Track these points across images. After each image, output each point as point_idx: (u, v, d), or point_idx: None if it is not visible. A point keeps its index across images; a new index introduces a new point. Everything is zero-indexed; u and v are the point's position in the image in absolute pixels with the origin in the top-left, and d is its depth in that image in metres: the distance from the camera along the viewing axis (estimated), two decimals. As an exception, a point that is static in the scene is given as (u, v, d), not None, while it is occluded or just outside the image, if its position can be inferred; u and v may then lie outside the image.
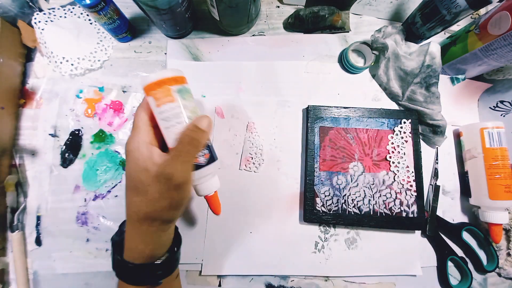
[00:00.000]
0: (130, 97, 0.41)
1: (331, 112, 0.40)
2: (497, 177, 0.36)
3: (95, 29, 0.42)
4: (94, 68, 0.42)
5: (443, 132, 0.39)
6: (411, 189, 0.38)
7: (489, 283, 0.39)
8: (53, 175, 0.39)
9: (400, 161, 0.38)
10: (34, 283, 0.37)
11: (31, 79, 0.42)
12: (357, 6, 0.44)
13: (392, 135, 0.39)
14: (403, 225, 0.37)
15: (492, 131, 0.37)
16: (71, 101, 0.41)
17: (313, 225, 0.39)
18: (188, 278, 0.37)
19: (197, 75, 0.42)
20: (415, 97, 0.39)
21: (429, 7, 0.36)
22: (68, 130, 0.40)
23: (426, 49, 0.38)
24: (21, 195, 0.39)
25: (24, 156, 0.40)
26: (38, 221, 0.38)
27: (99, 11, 0.35)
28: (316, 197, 0.38)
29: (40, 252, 0.38)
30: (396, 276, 0.38)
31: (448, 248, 0.38)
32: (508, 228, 0.39)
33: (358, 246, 0.38)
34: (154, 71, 0.38)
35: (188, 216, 0.38)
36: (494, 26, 0.33)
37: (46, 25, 0.41)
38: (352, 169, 0.38)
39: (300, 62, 0.43)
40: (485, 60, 0.36)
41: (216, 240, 0.38)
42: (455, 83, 0.42)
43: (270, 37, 0.44)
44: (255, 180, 0.39)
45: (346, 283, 0.38)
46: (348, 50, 0.41)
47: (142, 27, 0.44)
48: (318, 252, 0.38)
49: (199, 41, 0.43)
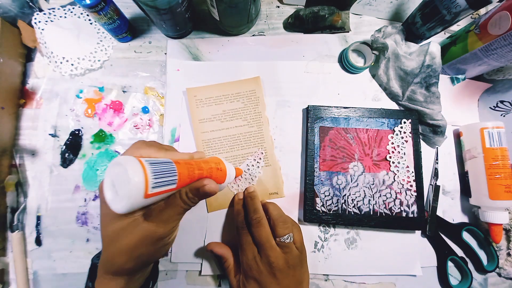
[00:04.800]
0: (130, 97, 0.41)
1: (331, 112, 0.40)
2: (497, 177, 0.36)
3: (95, 29, 0.42)
4: (94, 68, 0.42)
5: (443, 132, 0.39)
6: (411, 189, 0.38)
7: (489, 283, 0.39)
8: (53, 175, 0.39)
9: (400, 161, 0.38)
10: (34, 283, 0.37)
11: (31, 79, 0.42)
12: (357, 6, 0.44)
13: (392, 135, 0.39)
14: (403, 225, 0.37)
15: (492, 131, 0.37)
16: (71, 101, 0.41)
17: (313, 225, 0.39)
18: (188, 278, 0.37)
19: (197, 75, 0.42)
20: (415, 97, 0.39)
21: (429, 7, 0.36)
22: (68, 130, 0.40)
23: (426, 49, 0.38)
24: (21, 195, 0.39)
25: (24, 156, 0.40)
26: (38, 221, 0.38)
27: (99, 11, 0.35)
28: (316, 197, 0.38)
29: (40, 252, 0.38)
30: (396, 276, 0.38)
31: (448, 248, 0.38)
32: (508, 228, 0.39)
33: (358, 246, 0.38)
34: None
35: (188, 216, 0.38)
36: (494, 26, 0.33)
37: (46, 25, 0.41)
38: (352, 169, 0.38)
39: (300, 62, 0.43)
40: (485, 60, 0.36)
41: (216, 240, 0.38)
42: (455, 83, 0.42)
43: (270, 37, 0.44)
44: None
45: (346, 283, 0.38)
46: (348, 50, 0.41)
47: (142, 27, 0.44)
48: (318, 251, 0.38)
49: (199, 41, 0.43)
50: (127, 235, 0.22)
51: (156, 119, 0.41)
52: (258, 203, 0.34)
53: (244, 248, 0.32)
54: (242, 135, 0.40)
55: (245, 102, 0.40)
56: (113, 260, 0.23)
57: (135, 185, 0.18)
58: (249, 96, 0.40)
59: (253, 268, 0.30)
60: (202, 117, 0.40)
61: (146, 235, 0.22)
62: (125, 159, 0.19)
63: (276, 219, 0.32)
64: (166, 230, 0.23)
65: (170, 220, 0.23)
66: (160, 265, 0.37)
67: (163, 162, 0.21)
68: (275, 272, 0.30)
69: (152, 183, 0.19)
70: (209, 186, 0.23)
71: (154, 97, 0.42)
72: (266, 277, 0.30)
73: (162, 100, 0.42)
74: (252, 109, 0.40)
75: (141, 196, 0.19)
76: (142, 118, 0.41)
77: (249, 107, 0.40)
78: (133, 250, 0.22)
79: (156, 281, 0.29)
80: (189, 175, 0.23)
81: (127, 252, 0.22)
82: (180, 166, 0.22)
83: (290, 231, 0.31)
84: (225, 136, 0.39)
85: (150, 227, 0.22)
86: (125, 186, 0.18)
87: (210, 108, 0.40)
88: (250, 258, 0.31)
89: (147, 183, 0.19)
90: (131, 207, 0.19)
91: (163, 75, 0.42)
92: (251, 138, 0.40)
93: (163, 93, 0.42)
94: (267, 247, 0.30)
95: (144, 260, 0.24)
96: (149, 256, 0.24)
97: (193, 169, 0.24)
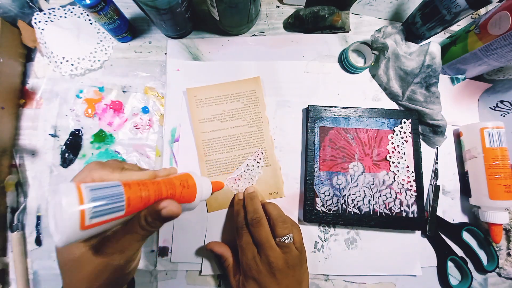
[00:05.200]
0: (130, 97, 0.41)
1: (331, 112, 0.40)
2: (497, 177, 0.36)
3: (95, 29, 0.42)
4: (94, 68, 0.42)
5: (443, 132, 0.39)
6: (411, 189, 0.38)
7: (489, 283, 0.39)
8: (53, 175, 0.39)
9: (400, 161, 0.38)
10: (34, 283, 0.37)
11: (31, 79, 0.42)
12: (357, 6, 0.44)
13: (392, 135, 0.39)
14: (403, 225, 0.37)
15: (492, 131, 0.37)
16: (71, 101, 0.41)
17: (313, 225, 0.39)
18: (188, 278, 0.37)
19: (197, 75, 0.42)
20: (415, 97, 0.39)
21: (429, 7, 0.36)
22: (68, 130, 0.40)
23: (426, 49, 0.38)
24: (21, 195, 0.39)
25: (24, 156, 0.40)
26: (38, 221, 0.38)
27: (99, 11, 0.35)
28: (316, 197, 0.38)
29: (40, 252, 0.38)
30: (396, 276, 0.38)
31: (448, 248, 0.38)
32: (508, 228, 0.39)
33: (358, 246, 0.38)
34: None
35: (188, 216, 0.38)
36: (494, 26, 0.33)
37: (46, 25, 0.41)
38: (352, 169, 0.38)
39: (300, 62, 0.43)
40: (485, 60, 0.36)
41: (216, 239, 0.38)
42: (455, 83, 0.42)
43: (270, 37, 0.44)
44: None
45: (346, 283, 0.38)
46: (348, 50, 0.41)
47: (142, 27, 0.44)
48: (318, 251, 0.38)
49: (199, 41, 0.43)
50: (85, 265, 0.20)
51: (156, 119, 0.41)
52: (258, 203, 0.34)
53: (243, 248, 0.32)
54: (242, 135, 0.40)
55: (245, 102, 0.40)
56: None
57: (68, 217, 0.17)
58: (249, 96, 0.40)
59: (253, 268, 0.30)
60: (202, 117, 0.40)
61: (99, 269, 0.20)
62: (63, 188, 0.18)
63: (275, 219, 0.32)
64: (123, 260, 0.21)
65: (128, 249, 0.21)
66: (160, 265, 0.37)
67: (109, 187, 0.19)
68: (274, 272, 0.30)
69: (90, 213, 0.18)
70: (167, 209, 0.21)
71: (154, 97, 0.42)
72: (265, 277, 0.30)
73: (162, 100, 0.42)
74: (252, 109, 0.40)
75: (77, 228, 0.17)
76: (142, 118, 0.41)
77: (249, 107, 0.40)
78: (93, 281, 0.21)
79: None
80: (142, 199, 0.21)
81: (87, 283, 0.21)
82: (131, 190, 0.20)
83: (290, 232, 0.31)
84: (225, 136, 0.39)
85: (102, 260, 0.20)
86: (60, 218, 0.17)
87: (210, 108, 0.40)
88: (250, 258, 0.31)
89: (84, 213, 0.17)
90: (67, 240, 0.17)
91: (163, 75, 0.42)
92: (251, 138, 0.40)
93: (163, 93, 0.42)
94: (267, 247, 0.30)
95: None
96: (112, 285, 0.23)
97: (148, 192, 0.21)
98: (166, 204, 0.21)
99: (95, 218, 0.18)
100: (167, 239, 0.38)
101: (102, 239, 0.21)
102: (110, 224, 0.19)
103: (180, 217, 0.38)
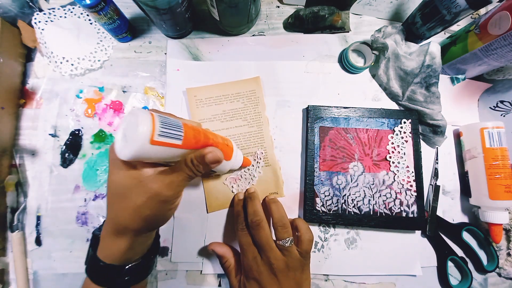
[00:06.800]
0: (130, 97, 0.41)
1: (331, 112, 0.40)
2: (497, 177, 0.36)
3: (95, 29, 0.42)
4: (94, 68, 0.42)
5: (443, 132, 0.39)
6: (411, 189, 0.38)
7: (490, 283, 0.39)
8: (53, 175, 0.39)
9: (400, 161, 0.38)
10: (34, 283, 0.37)
11: (31, 79, 0.42)
12: (357, 6, 0.44)
13: (392, 135, 0.39)
14: (403, 225, 0.37)
15: (492, 131, 0.37)
16: (71, 101, 0.41)
17: (313, 225, 0.39)
18: (188, 278, 0.37)
19: (197, 75, 0.42)
20: (415, 97, 0.39)
21: (429, 7, 0.36)
22: (68, 130, 0.40)
23: (426, 49, 0.38)
24: (21, 195, 0.39)
25: (24, 156, 0.40)
26: (38, 221, 0.38)
27: (99, 11, 0.35)
28: (316, 197, 0.38)
29: (40, 252, 0.38)
30: (396, 276, 0.38)
31: (448, 248, 0.38)
32: (508, 228, 0.39)
33: (358, 246, 0.38)
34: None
35: (188, 216, 0.38)
36: (494, 26, 0.33)
37: (46, 25, 0.41)
38: (352, 169, 0.38)
39: (300, 62, 0.43)
40: (485, 60, 0.36)
41: (216, 239, 0.38)
42: (455, 83, 0.42)
43: (270, 37, 0.44)
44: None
45: (346, 283, 0.38)
46: (348, 50, 0.41)
47: (142, 27, 0.44)
48: (318, 251, 0.38)
49: (199, 41, 0.43)
50: (134, 194, 0.22)
51: (156, 119, 0.41)
52: (258, 204, 0.34)
53: (244, 249, 0.32)
54: (242, 135, 0.40)
55: (245, 102, 0.40)
56: (120, 218, 0.23)
57: (142, 130, 0.19)
58: (249, 96, 0.40)
59: (254, 269, 0.31)
60: (202, 117, 0.40)
61: (152, 196, 0.22)
62: (137, 109, 0.21)
63: (275, 223, 0.32)
64: (172, 193, 0.23)
65: (175, 184, 0.23)
66: (160, 265, 0.37)
67: (172, 119, 0.23)
68: (275, 273, 0.30)
69: (158, 131, 0.20)
70: (212, 154, 0.24)
71: (154, 97, 0.42)
72: (266, 277, 0.30)
73: (162, 100, 0.42)
74: (252, 109, 0.40)
75: (147, 141, 0.20)
76: (142, 118, 0.41)
77: (249, 107, 0.40)
78: (140, 210, 0.23)
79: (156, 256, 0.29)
80: (195, 137, 0.24)
81: (134, 211, 0.23)
82: (187, 127, 0.23)
83: (290, 235, 0.31)
84: (225, 136, 0.39)
85: (156, 188, 0.22)
86: (134, 131, 0.20)
87: (210, 108, 0.40)
88: (251, 259, 0.31)
89: (154, 129, 0.20)
90: (137, 152, 0.20)
91: (163, 75, 0.42)
92: (251, 138, 0.40)
93: (163, 93, 0.42)
94: (267, 249, 0.30)
95: (150, 221, 0.24)
96: (155, 218, 0.24)
97: (199, 134, 0.25)
98: (211, 149, 0.24)
99: (161, 137, 0.21)
100: (167, 239, 0.38)
101: (153, 175, 0.23)
102: (167, 153, 0.22)
103: (180, 217, 0.38)
